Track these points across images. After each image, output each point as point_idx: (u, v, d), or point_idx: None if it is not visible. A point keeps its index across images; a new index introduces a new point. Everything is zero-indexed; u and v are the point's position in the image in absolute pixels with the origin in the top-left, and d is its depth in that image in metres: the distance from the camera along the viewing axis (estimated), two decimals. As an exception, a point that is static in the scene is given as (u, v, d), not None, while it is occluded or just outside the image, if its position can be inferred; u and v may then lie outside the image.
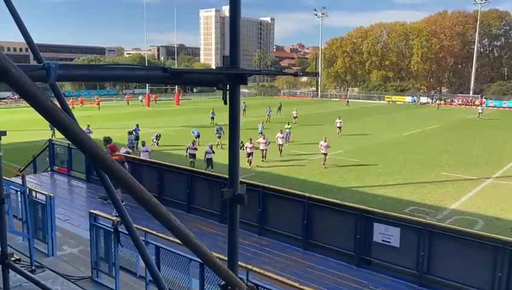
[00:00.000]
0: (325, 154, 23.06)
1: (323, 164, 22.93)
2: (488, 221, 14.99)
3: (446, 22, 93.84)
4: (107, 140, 13.71)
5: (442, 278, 8.82)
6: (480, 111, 51.47)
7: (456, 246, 8.75)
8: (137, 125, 28.88)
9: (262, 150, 23.94)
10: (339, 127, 34.18)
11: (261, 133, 30.25)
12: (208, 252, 2.08)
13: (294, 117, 41.20)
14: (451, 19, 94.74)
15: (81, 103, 60.97)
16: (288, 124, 31.20)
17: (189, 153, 21.83)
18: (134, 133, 27.40)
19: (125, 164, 13.15)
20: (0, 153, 4.83)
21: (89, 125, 26.17)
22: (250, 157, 22.47)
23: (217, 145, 27.87)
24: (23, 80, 1.35)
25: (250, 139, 22.66)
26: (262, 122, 34.12)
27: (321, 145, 23.26)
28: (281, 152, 25.86)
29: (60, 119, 1.43)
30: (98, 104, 58.28)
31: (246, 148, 22.05)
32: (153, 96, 71.83)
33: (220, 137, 28.65)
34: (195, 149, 21.94)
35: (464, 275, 8.52)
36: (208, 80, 2.27)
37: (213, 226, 11.78)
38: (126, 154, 19.48)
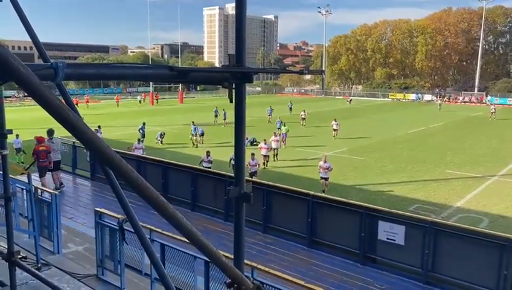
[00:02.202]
0: (326, 178, 17.81)
1: (323, 191, 16.80)
2: (493, 219, 14.93)
3: (450, 19, 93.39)
4: (50, 132, 14.22)
5: (447, 276, 8.82)
6: (493, 110, 48.31)
7: (461, 244, 8.74)
8: (144, 124, 29.08)
9: (264, 155, 21.93)
10: (335, 130, 31.56)
11: (280, 128, 29.99)
12: (214, 250, 2.09)
13: (303, 118, 38.00)
14: (456, 15, 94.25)
15: (76, 104, 52.81)
16: (285, 125, 29.43)
17: (203, 166, 17.99)
18: (141, 131, 27.74)
19: (50, 154, 13.81)
20: (6, 152, 4.86)
21: (99, 127, 26.19)
22: (254, 178, 17.80)
23: (193, 144, 28.17)
24: (31, 79, 1.36)
25: (253, 155, 19.08)
26: (280, 117, 33.93)
27: (320, 167, 17.47)
28: (275, 157, 23.65)
29: (67, 118, 1.44)
30: (77, 104, 48.89)
31: (249, 165, 18.31)
32: (154, 95, 68.18)
33: (196, 135, 28.48)
34: (210, 162, 18.53)
35: (468, 273, 8.50)
36: (213, 79, 2.27)
37: (217, 224, 11.81)
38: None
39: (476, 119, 48.65)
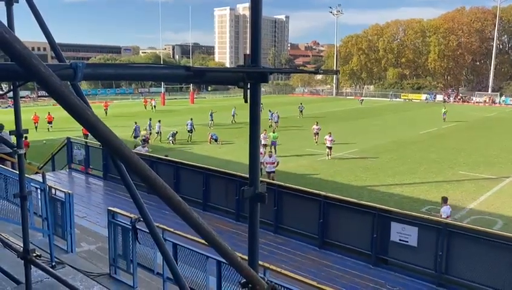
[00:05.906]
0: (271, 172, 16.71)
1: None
2: (507, 221, 14.73)
3: (464, 19, 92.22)
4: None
5: (460, 279, 8.72)
6: None
7: (475, 246, 8.63)
8: (191, 119, 31.05)
9: (269, 173, 18.40)
10: (329, 148, 24.89)
11: (276, 121, 29.16)
12: (230, 250, 2.09)
13: (315, 133, 29.86)
14: (470, 15, 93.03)
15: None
16: (274, 132, 26.10)
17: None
18: (188, 126, 30.35)
19: None
20: (23, 151, 4.92)
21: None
22: (273, 178, 17.13)
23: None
24: (52, 79, 1.38)
25: (270, 152, 18.21)
26: (271, 110, 33.45)
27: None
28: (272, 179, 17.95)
29: (88, 119, 1.45)
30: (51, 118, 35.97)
31: (265, 163, 17.42)
32: (151, 100, 57.62)
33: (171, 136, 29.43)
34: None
35: (482, 275, 8.39)
36: (229, 79, 2.28)
37: (229, 224, 11.83)
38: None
39: (489, 120, 48.03)
